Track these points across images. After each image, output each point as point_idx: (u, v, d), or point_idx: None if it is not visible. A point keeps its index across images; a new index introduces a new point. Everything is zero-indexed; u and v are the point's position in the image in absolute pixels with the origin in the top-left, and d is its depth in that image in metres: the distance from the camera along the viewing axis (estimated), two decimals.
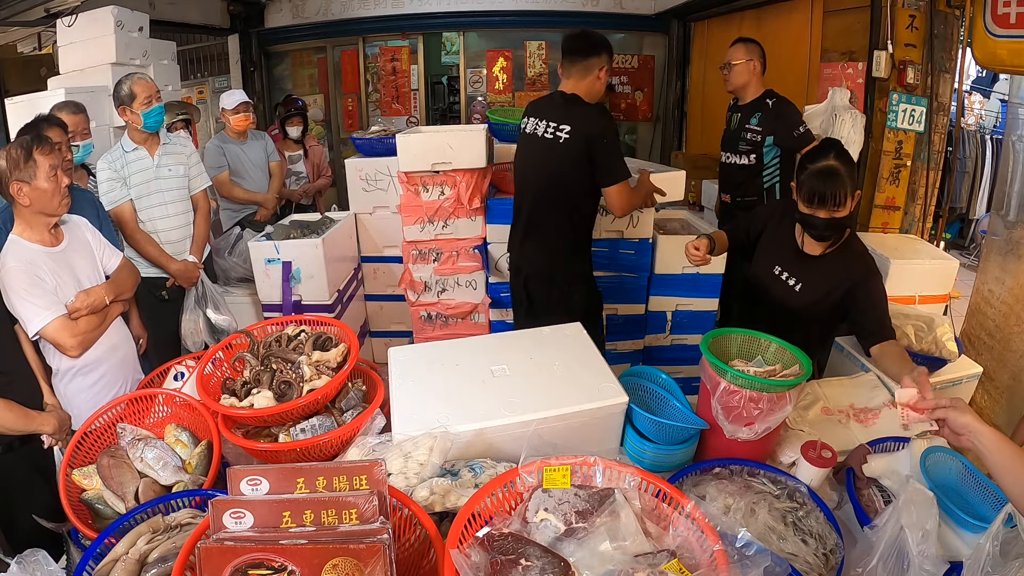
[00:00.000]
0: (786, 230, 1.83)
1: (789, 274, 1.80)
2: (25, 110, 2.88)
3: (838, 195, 1.57)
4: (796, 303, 1.79)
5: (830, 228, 1.63)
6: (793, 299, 1.79)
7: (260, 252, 2.72)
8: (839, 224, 1.63)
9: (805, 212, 1.64)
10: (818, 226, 1.63)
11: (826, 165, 1.59)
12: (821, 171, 1.59)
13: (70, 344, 1.78)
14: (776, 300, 1.82)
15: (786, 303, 1.80)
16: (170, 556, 1.09)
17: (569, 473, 1.14)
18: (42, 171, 1.70)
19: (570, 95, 2.23)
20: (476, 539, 1.01)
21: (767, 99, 2.69)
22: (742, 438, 1.39)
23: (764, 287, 1.86)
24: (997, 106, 6.61)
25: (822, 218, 1.61)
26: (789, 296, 1.80)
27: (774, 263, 1.83)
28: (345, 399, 1.52)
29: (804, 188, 1.62)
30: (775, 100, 2.68)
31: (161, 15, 4.53)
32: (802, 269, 1.78)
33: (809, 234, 1.70)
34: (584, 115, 2.17)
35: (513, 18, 5.70)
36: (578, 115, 2.17)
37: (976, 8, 2.26)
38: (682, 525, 1.06)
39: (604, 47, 2.23)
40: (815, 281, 1.76)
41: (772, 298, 1.83)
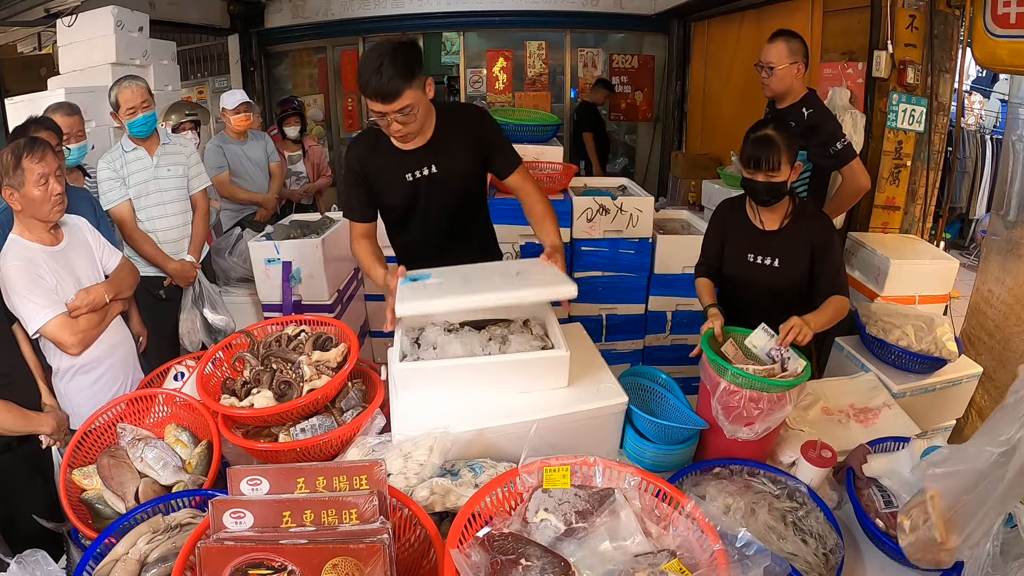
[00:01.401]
0: (741, 219, 1.91)
1: (763, 256, 1.87)
2: (25, 110, 2.87)
3: (772, 159, 1.72)
4: (782, 281, 1.85)
5: (768, 192, 1.77)
6: (777, 278, 1.85)
7: (260, 252, 2.72)
8: (776, 188, 1.76)
9: (746, 177, 1.79)
10: (758, 189, 1.77)
11: (763, 133, 1.76)
12: (758, 138, 1.76)
13: (70, 342, 1.78)
14: (762, 285, 1.87)
15: (772, 284, 1.85)
16: (170, 556, 1.09)
17: (569, 473, 1.14)
18: (31, 179, 1.69)
19: None
20: (476, 539, 1.01)
21: (804, 108, 2.36)
22: (742, 438, 1.39)
23: (745, 278, 1.91)
24: (997, 106, 6.61)
25: (761, 181, 1.75)
26: (772, 276, 1.85)
27: (745, 252, 1.90)
28: (345, 399, 1.52)
29: (744, 154, 1.78)
30: (812, 111, 2.36)
31: (161, 15, 4.52)
32: (771, 247, 1.86)
33: (753, 200, 1.83)
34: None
35: (513, 18, 5.70)
36: None
37: (976, 8, 2.25)
38: (682, 525, 1.06)
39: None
40: (787, 253, 1.84)
41: (758, 286, 1.88)
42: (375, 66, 1.50)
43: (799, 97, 2.40)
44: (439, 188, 1.79)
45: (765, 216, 1.86)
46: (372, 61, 1.51)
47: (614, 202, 2.87)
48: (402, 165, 1.76)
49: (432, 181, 1.78)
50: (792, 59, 2.35)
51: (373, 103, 1.56)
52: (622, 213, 2.88)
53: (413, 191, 1.79)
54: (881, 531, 1.26)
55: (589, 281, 3.00)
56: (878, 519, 1.29)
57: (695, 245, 2.98)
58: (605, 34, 6.00)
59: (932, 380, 2.01)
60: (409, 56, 1.55)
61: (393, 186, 1.79)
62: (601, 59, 5.99)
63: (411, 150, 1.74)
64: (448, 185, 1.80)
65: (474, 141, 1.79)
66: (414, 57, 1.57)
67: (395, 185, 1.78)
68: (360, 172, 1.79)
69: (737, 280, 1.94)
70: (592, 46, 5.97)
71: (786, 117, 2.44)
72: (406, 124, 1.60)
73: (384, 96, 1.53)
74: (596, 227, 2.90)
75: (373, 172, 1.79)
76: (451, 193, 1.82)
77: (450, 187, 1.80)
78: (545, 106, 5.86)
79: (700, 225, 3.20)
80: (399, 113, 1.57)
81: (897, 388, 1.93)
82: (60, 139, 2.26)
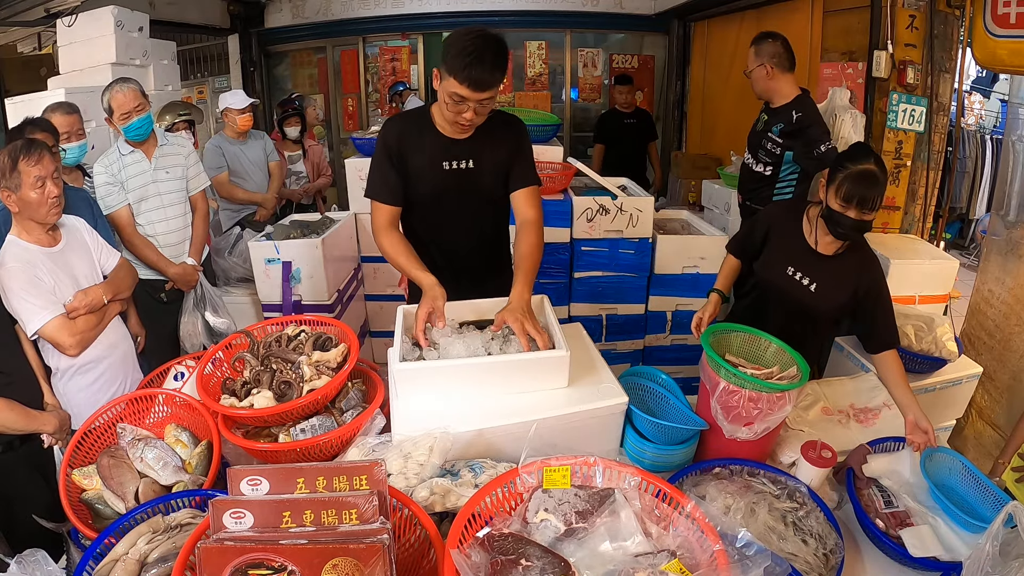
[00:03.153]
0: (793, 230, 1.81)
1: (803, 274, 1.79)
2: (25, 110, 2.87)
3: (875, 199, 1.60)
4: (813, 304, 1.78)
5: (856, 229, 1.65)
6: (809, 300, 1.78)
7: (260, 252, 2.72)
8: (865, 227, 1.66)
9: (836, 210, 1.64)
10: (846, 226, 1.64)
11: (868, 169, 1.60)
12: (863, 174, 1.60)
13: (69, 343, 1.78)
14: (793, 302, 1.80)
15: (803, 304, 1.79)
16: (170, 556, 1.09)
17: (569, 473, 1.14)
18: (27, 181, 1.69)
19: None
20: (476, 539, 1.01)
21: (793, 110, 2.47)
22: (741, 438, 1.39)
23: (779, 290, 1.83)
24: (997, 106, 6.61)
25: (852, 219, 1.62)
26: (805, 297, 1.78)
27: (787, 264, 1.81)
28: (345, 399, 1.52)
29: (843, 188, 1.61)
30: (801, 114, 2.45)
31: (161, 15, 4.52)
32: (816, 269, 1.77)
33: (833, 232, 1.69)
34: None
35: (513, 18, 5.70)
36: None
37: (976, 8, 2.25)
38: (682, 525, 1.06)
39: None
40: (830, 281, 1.76)
41: (788, 300, 1.81)
42: (478, 53, 1.49)
43: (790, 98, 2.48)
44: (472, 184, 1.77)
45: (822, 239, 1.76)
46: (475, 47, 1.49)
47: (614, 202, 2.87)
48: (442, 152, 1.73)
49: (467, 175, 1.76)
50: (759, 61, 2.49)
51: (461, 87, 1.52)
52: (622, 213, 2.88)
53: (446, 181, 1.75)
54: (881, 531, 1.26)
55: (589, 281, 3.00)
56: (878, 519, 1.29)
57: (695, 245, 3.01)
58: (605, 34, 6.00)
59: (932, 380, 2.01)
60: (506, 50, 1.56)
61: (428, 172, 1.75)
62: (601, 59, 5.99)
63: (454, 139, 1.72)
64: (480, 183, 1.77)
65: (511, 145, 1.78)
66: (506, 54, 1.58)
67: (431, 171, 1.74)
68: (396, 150, 1.74)
69: (770, 288, 1.87)
70: (592, 46, 5.97)
71: (778, 118, 2.52)
72: (480, 115, 1.60)
73: (479, 84, 1.51)
74: (596, 227, 2.90)
75: (410, 153, 1.74)
76: (481, 192, 1.80)
77: (482, 185, 1.78)
78: (545, 106, 5.85)
79: (700, 225, 3.20)
80: (480, 104, 1.56)
81: None
82: (57, 140, 2.24)
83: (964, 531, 1.26)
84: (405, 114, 1.87)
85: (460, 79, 1.51)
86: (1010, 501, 1.28)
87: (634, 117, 4.60)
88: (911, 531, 1.24)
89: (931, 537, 1.23)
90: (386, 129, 1.78)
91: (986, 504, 1.33)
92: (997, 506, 1.30)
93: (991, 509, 1.31)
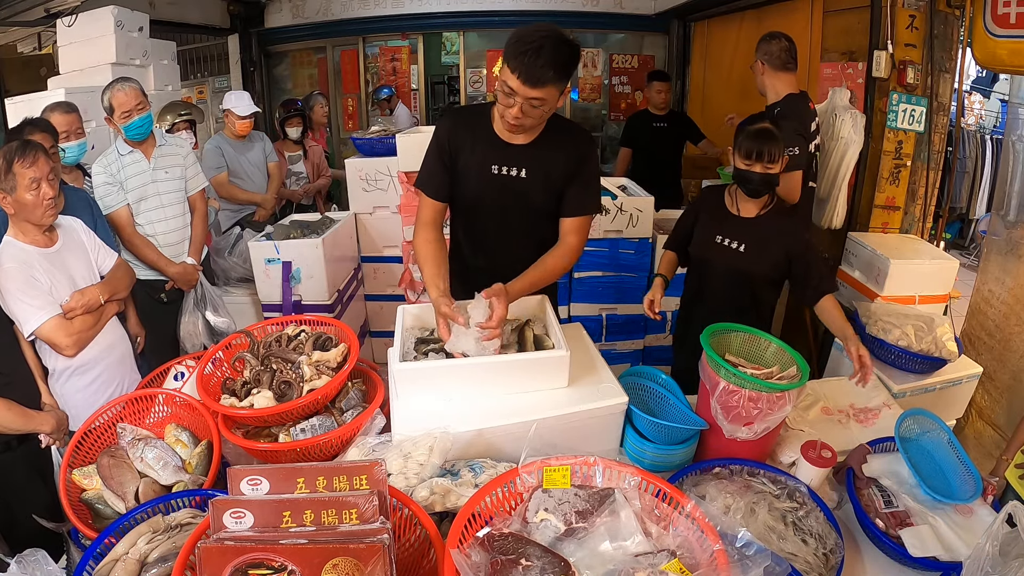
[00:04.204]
0: (717, 204, 2.01)
1: (731, 239, 1.94)
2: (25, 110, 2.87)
3: (773, 152, 1.82)
4: (746, 266, 1.92)
5: (764, 183, 1.85)
6: (741, 262, 1.93)
7: (260, 252, 2.72)
8: (771, 180, 1.86)
9: (742, 168, 1.86)
10: (754, 180, 1.85)
11: (762, 127, 1.87)
12: (758, 131, 1.85)
13: (65, 344, 1.78)
14: (725, 267, 1.95)
15: (736, 268, 1.93)
16: (170, 556, 1.09)
17: (569, 473, 1.14)
18: (22, 184, 1.69)
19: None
20: (476, 539, 1.01)
21: (777, 108, 2.51)
22: (741, 438, 1.39)
23: (710, 258, 1.99)
24: (997, 106, 6.61)
25: (758, 173, 1.83)
26: (737, 260, 1.93)
27: (714, 233, 1.97)
28: (345, 399, 1.52)
29: (743, 146, 1.84)
30: (779, 111, 2.49)
31: (161, 15, 4.52)
32: (742, 232, 1.93)
33: (745, 190, 1.90)
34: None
35: (513, 18, 5.69)
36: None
37: (976, 8, 2.25)
38: (682, 525, 1.06)
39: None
40: (758, 242, 1.91)
41: (722, 266, 1.96)
42: (536, 45, 1.39)
43: (780, 97, 2.53)
44: (520, 194, 1.65)
45: (743, 205, 1.95)
46: (535, 39, 1.40)
47: (614, 202, 2.87)
48: (494, 155, 1.63)
49: (516, 184, 1.64)
50: (756, 58, 2.61)
51: (511, 77, 1.42)
52: (622, 213, 2.88)
53: (494, 187, 1.65)
54: (881, 531, 1.26)
55: (589, 281, 3.00)
56: (878, 519, 1.29)
57: None
58: (605, 34, 6.00)
59: (932, 380, 2.01)
60: (572, 54, 1.46)
61: (475, 173, 1.65)
62: (601, 59, 5.99)
63: (508, 143, 1.63)
64: (530, 195, 1.66)
65: (572, 164, 1.65)
66: (574, 59, 1.47)
67: (478, 173, 1.65)
68: (447, 146, 1.65)
69: (702, 262, 2.03)
70: (592, 46, 5.97)
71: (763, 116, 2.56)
72: (528, 115, 1.49)
73: (530, 78, 1.41)
74: (596, 227, 2.90)
75: (461, 150, 1.65)
76: (530, 205, 1.68)
77: (531, 198, 1.66)
78: None
79: None
80: (529, 102, 1.45)
81: (897, 388, 1.93)
82: (56, 141, 2.24)
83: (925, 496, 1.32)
84: (462, 108, 1.85)
85: (512, 68, 1.42)
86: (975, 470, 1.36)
87: (665, 120, 3.99)
88: (911, 531, 1.24)
89: (931, 537, 1.23)
90: (441, 122, 1.72)
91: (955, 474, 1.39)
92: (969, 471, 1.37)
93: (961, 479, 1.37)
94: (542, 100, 1.46)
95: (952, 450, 1.43)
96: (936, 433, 1.47)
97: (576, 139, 1.69)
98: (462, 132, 1.66)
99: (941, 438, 1.46)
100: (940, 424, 1.47)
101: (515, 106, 1.46)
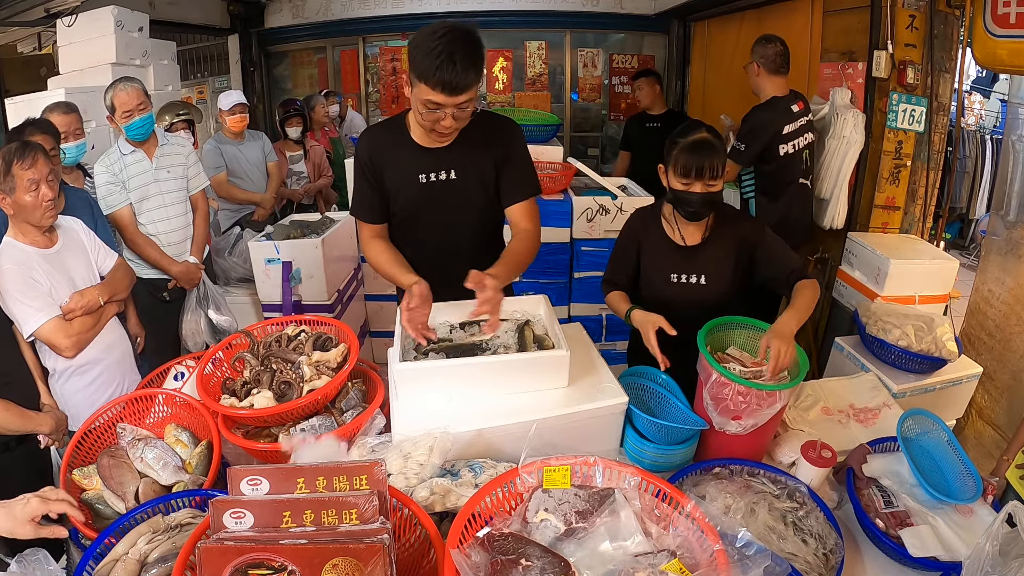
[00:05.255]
0: (657, 235, 1.70)
1: (687, 274, 1.69)
2: (25, 110, 2.87)
3: (716, 166, 1.52)
4: (712, 297, 1.69)
5: (706, 204, 1.57)
6: (707, 295, 1.69)
7: (260, 252, 2.72)
8: (714, 200, 1.57)
9: (680, 189, 1.57)
10: (694, 202, 1.56)
11: (701, 137, 1.55)
12: (696, 142, 1.54)
13: (65, 345, 1.78)
14: (691, 305, 1.69)
15: (703, 303, 1.68)
16: (170, 556, 1.09)
17: (569, 473, 1.14)
18: (21, 185, 1.69)
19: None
20: (476, 539, 1.01)
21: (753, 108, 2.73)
22: (731, 431, 1.39)
23: (670, 298, 1.71)
24: (997, 106, 6.61)
25: (698, 193, 1.55)
26: (702, 293, 1.69)
27: (667, 272, 1.70)
28: (345, 399, 1.52)
29: (679, 162, 1.55)
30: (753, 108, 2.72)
31: (161, 15, 4.52)
32: (697, 263, 1.68)
33: (685, 214, 1.62)
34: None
35: (513, 18, 5.70)
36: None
37: (976, 8, 2.25)
38: (682, 525, 1.06)
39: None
40: (714, 268, 1.68)
41: (686, 306, 1.70)
42: (446, 53, 1.33)
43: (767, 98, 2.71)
44: (454, 196, 1.63)
45: (685, 231, 1.67)
46: (441, 46, 1.34)
47: (614, 202, 2.87)
48: (418, 164, 1.60)
49: (449, 187, 1.62)
50: (751, 59, 2.73)
51: (434, 93, 1.38)
52: (622, 213, 2.88)
53: (424, 196, 1.63)
54: (881, 531, 1.26)
55: (589, 281, 3.00)
56: (878, 519, 1.29)
57: None
58: (605, 34, 5.99)
59: (932, 380, 2.01)
60: (479, 46, 1.40)
61: (405, 186, 1.63)
62: (601, 59, 5.99)
63: (430, 149, 1.59)
64: (465, 195, 1.63)
65: (499, 152, 1.62)
66: (482, 50, 1.41)
67: (407, 186, 1.62)
68: (370, 167, 1.63)
69: (662, 303, 1.70)
70: (592, 46, 5.96)
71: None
72: (460, 120, 1.46)
73: (453, 88, 1.37)
74: (596, 227, 2.90)
75: (385, 168, 1.62)
76: (467, 205, 1.65)
77: (467, 198, 1.64)
78: (545, 106, 5.85)
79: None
80: (459, 108, 1.42)
81: (897, 388, 1.93)
82: (57, 142, 2.24)
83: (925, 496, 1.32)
84: (379, 125, 1.72)
85: (432, 84, 1.37)
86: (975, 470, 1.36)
87: (659, 120, 3.93)
88: (911, 531, 1.24)
89: (931, 537, 1.23)
90: (360, 142, 1.69)
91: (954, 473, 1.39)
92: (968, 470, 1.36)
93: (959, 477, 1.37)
94: (468, 101, 1.43)
95: (952, 450, 1.43)
96: (936, 433, 1.47)
97: (496, 126, 1.65)
98: (381, 148, 1.63)
99: (941, 438, 1.46)
100: (940, 424, 1.47)
101: (446, 117, 1.43)
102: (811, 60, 3.41)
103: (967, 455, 1.41)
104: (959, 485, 1.36)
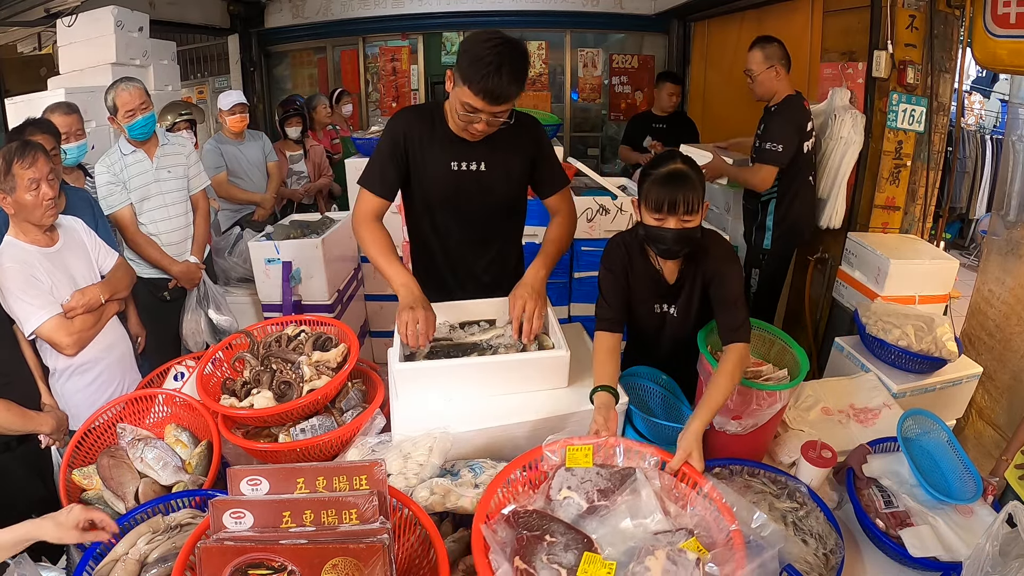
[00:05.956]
0: (645, 268, 1.61)
1: (665, 304, 1.63)
2: (25, 110, 2.87)
3: (690, 201, 1.38)
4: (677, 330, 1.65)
5: (680, 241, 1.42)
6: (674, 327, 1.65)
7: (260, 252, 2.72)
8: (690, 237, 1.42)
9: (653, 225, 1.43)
10: (667, 239, 1.42)
11: (673, 168, 1.42)
12: (670, 174, 1.41)
13: (66, 343, 1.78)
14: (664, 335, 1.67)
15: (673, 334, 1.66)
16: (170, 556, 1.09)
17: (591, 452, 1.17)
18: (21, 184, 1.69)
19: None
20: (502, 516, 1.04)
21: (775, 106, 2.62)
22: (730, 431, 1.40)
23: (655, 328, 1.68)
24: (997, 106, 6.61)
25: (672, 229, 1.40)
26: (673, 325, 1.65)
27: (652, 301, 1.64)
28: (345, 399, 1.52)
29: (651, 196, 1.41)
30: (777, 106, 2.61)
31: (161, 15, 4.52)
32: (672, 295, 1.62)
33: (658, 251, 1.50)
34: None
35: (513, 18, 5.69)
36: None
37: (976, 8, 2.25)
38: (700, 505, 1.09)
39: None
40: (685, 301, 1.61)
41: (660, 334, 1.68)
42: (495, 64, 1.38)
43: (783, 97, 2.62)
44: (481, 188, 1.67)
45: (664, 265, 1.57)
46: (492, 56, 1.38)
47: (614, 202, 2.87)
48: (451, 152, 1.63)
49: (478, 178, 1.66)
50: (768, 64, 2.61)
51: (476, 99, 1.42)
52: (622, 213, 2.88)
53: (454, 183, 1.65)
54: (881, 531, 1.26)
55: (589, 281, 3.00)
56: (878, 519, 1.29)
57: None
58: (605, 34, 5.99)
59: (932, 380, 2.01)
60: (527, 61, 1.46)
61: (434, 171, 1.65)
62: (601, 59, 5.99)
63: (464, 139, 1.62)
64: (492, 187, 1.67)
65: (527, 148, 1.68)
66: (528, 65, 1.47)
67: (437, 171, 1.65)
68: (401, 144, 1.64)
69: (645, 331, 1.69)
70: (592, 46, 5.96)
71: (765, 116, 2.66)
72: (492, 126, 1.51)
73: (496, 98, 1.42)
74: (596, 227, 2.90)
75: (416, 149, 1.64)
76: (492, 197, 1.69)
77: (494, 190, 1.68)
78: (545, 106, 5.85)
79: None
80: (495, 116, 1.47)
81: (897, 388, 1.93)
82: (58, 142, 2.24)
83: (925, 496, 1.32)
84: (417, 107, 1.78)
85: (475, 90, 1.41)
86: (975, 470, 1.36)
87: (665, 121, 3.88)
88: (911, 531, 1.24)
89: (931, 537, 1.23)
90: (395, 120, 1.70)
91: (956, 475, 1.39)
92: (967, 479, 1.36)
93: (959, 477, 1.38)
94: (506, 111, 1.49)
95: (952, 450, 1.43)
96: (936, 433, 1.47)
97: (525, 124, 1.68)
98: (417, 130, 1.64)
99: (941, 438, 1.46)
100: (940, 424, 1.47)
101: (480, 122, 1.48)
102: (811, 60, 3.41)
103: (967, 455, 1.41)
104: (959, 485, 1.36)
